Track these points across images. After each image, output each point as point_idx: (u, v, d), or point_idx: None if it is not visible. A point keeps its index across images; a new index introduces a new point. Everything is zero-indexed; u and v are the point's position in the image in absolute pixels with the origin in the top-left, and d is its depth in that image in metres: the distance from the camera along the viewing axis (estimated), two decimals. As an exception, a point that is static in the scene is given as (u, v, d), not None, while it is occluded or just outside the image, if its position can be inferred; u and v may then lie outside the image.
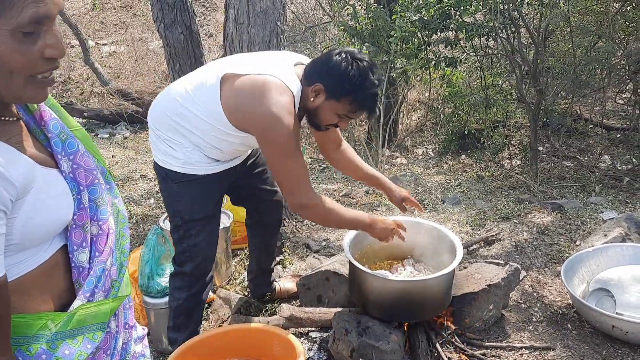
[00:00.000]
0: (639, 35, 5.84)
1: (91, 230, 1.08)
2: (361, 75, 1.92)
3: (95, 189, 1.10)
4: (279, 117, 1.87)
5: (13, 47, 0.86)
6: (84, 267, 1.06)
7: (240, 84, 1.95)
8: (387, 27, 6.31)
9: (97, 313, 1.06)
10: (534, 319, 2.69)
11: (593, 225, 3.61)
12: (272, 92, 1.89)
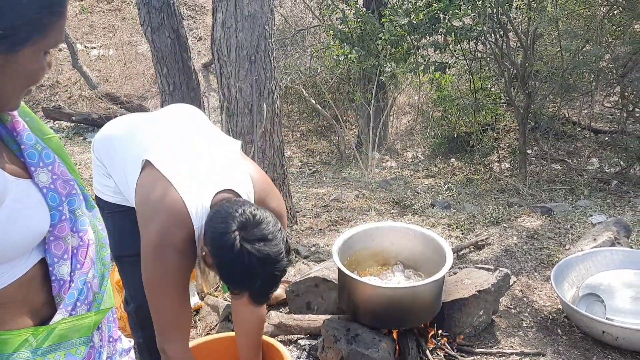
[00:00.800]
0: (625, 39, 5.87)
1: (71, 242, 1.05)
2: (248, 272, 1.52)
3: (74, 199, 1.06)
4: (160, 252, 1.60)
5: (42, 65, 0.94)
6: (64, 280, 1.03)
7: (151, 185, 1.68)
8: (376, 30, 6.31)
9: (80, 327, 1.02)
10: (524, 324, 2.67)
11: (582, 229, 3.61)
12: (166, 219, 1.61)
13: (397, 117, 8.62)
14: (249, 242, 1.50)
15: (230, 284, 1.60)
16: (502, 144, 7.44)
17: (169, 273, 1.63)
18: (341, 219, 4.15)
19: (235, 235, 1.50)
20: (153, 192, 1.68)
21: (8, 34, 0.85)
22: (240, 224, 1.52)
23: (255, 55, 3.29)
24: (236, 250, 1.49)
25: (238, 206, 1.57)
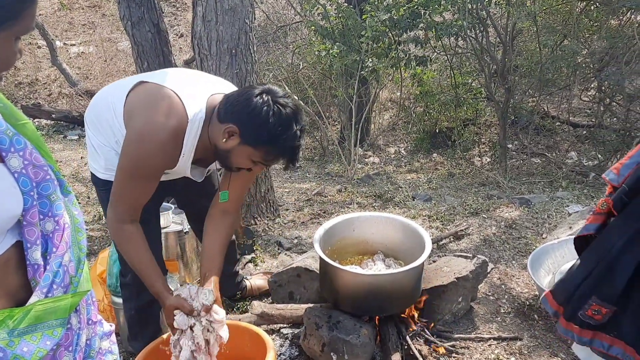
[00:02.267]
0: (602, 34, 5.98)
1: (45, 226, 1.07)
2: (282, 124, 1.68)
3: (48, 185, 1.08)
4: (141, 137, 1.72)
5: (13, 50, 0.98)
6: (39, 265, 1.04)
7: (143, 89, 1.83)
8: (358, 26, 6.34)
9: (56, 309, 1.04)
10: (501, 310, 2.73)
11: (559, 219, 3.69)
12: (157, 109, 1.73)
13: (379, 112, 8.67)
14: (276, 98, 1.70)
15: (266, 144, 1.71)
16: (483, 139, 7.54)
17: (145, 162, 1.74)
18: (323, 211, 4.19)
19: (263, 96, 1.69)
20: (143, 94, 1.81)
21: None
22: (261, 90, 1.71)
23: (236, 48, 3.31)
24: (270, 106, 1.67)
25: (251, 85, 1.75)
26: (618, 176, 1.62)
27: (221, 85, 1.95)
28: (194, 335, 1.76)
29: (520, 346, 2.45)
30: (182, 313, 1.77)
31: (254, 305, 2.63)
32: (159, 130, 1.71)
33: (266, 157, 1.76)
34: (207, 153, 1.89)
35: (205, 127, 1.81)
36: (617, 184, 1.62)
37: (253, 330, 2.07)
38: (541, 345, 2.46)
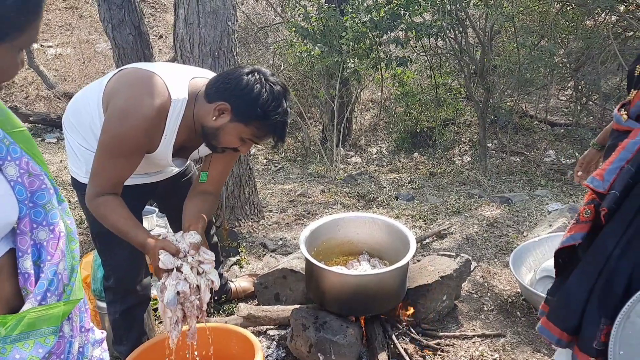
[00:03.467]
0: (578, 34, 6.09)
1: (38, 235, 1.07)
2: (274, 100, 1.72)
3: (43, 194, 1.08)
4: (124, 114, 1.72)
5: (16, 62, 0.98)
6: (29, 274, 1.04)
7: (124, 73, 1.85)
8: (339, 27, 6.37)
9: (49, 316, 1.04)
10: (485, 308, 2.78)
11: (539, 217, 3.75)
12: (140, 87, 1.75)
13: (360, 113, 8.71)
14: (266, 77, 1.74)
15: (259, 119, 1.74)
16: (463, 138, 7.62)
17: (127, 139, 1.73)
18: (307, 212, 4.20)
19: (255, 74, 1.73)
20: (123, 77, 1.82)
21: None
22: (251, 69, 1.75)
23: (219, 51, 3.31)
24: (260, 84, 1.71)
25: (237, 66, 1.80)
26: (603, 182, 1.63)
27: (202, 71, 1.98)
28: (183, 275, 1.70)
29: (504, 343, 2.49)
30: (168, 253, 1.73)
31: (240, 308, 2.63)
32: (142, 107, 1.72)
33: (257, 133, 1.79)
34: (190, 138, 1.90)
35: (189, 108, 1.82)
36: (604, 190, 1.63)
37: (240, 332, 2.08)
38: (524, 342, 2.50)
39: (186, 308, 1.73)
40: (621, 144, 1.61)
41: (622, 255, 1.65)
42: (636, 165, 1.58)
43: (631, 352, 1.67)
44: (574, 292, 1.78)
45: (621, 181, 1.58)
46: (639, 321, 1.64)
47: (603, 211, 1.61)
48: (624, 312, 1.62)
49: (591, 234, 1.75)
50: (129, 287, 2.21)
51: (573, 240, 1.76)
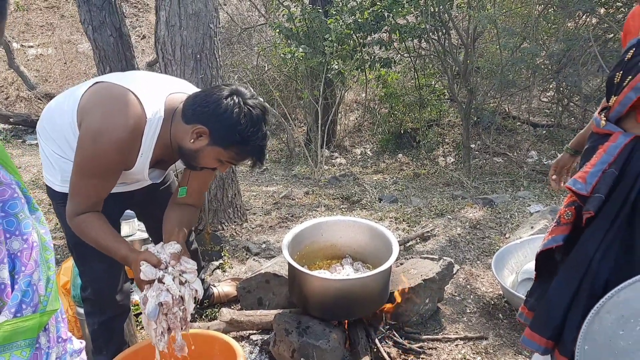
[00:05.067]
0: (559, 36, 6.15)
1: (12, 245, 1.05)
2: (253, 125, 1.70)
3: (16, 203, 1.06)
4: (98, 135, 1.69)
5: None
6: (5, 284, 1.03)
7: (98, 88, 1.81)
8: (323, 28, 6.37)
9: (25, 329, 1.02)
10: (467, 310, 2.79)
11: (521, 219, 3.78)
12: (114, 106, 1.72)
13: (345, 114, 8.72)
14: (245, 100, 1.72)
15: (237, 144, 1.73)
16: (446, 139, 7.65)
17: (101, 160, 1.70)
18: (291, 215, 4.19)
19: (234, 98, 1.70)
20: (98, 92, 1.78)
21: None
22: (230, 92, 1.71)
23: (201, 53, 3.29)
24: (240, 109, 1.69)
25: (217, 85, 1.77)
26: (585, 185, 1.64)
27: (180, 85, 1.94)
28: (165, 286, 1.70)
29: (486, 345, 2.51)
30: (149, 264, 1.72)
31: (222, 313, 2.61)
32: (116, 129, 1.69)
33: (236, 157, 1.78)
34: (167, 153, 1.87)
35: (165, 126, 1.79)
36: (587, 192, 1.64)
37: (222, 338, 2.07)
38: (506, 344, 2.52)
39: (169, 320, 1.71)
40: (602, 147, 1.62)
41: (602, 259, 1.67)
42: (619, 168, 1.60)
43: (595, 347, 1.69)
44: (556, 300, 1.80)
45: (605, 184, 1.60)
46: (607, 317, 1.66)
47: (588, 214, 1.63)
48: (595, 310, 1.65)
49: (570, 236, 1.78)
50: (108, 298, 2.17)
51: (555, 242, 1.78)
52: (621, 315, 1.67)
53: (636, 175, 1.60)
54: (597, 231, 1.67)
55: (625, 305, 1.66)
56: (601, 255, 1.68)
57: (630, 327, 1.69)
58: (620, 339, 1.70)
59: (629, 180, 1.60)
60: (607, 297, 1.66)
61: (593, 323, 1.68)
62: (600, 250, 1.67)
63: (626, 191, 1.62)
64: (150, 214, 2.35)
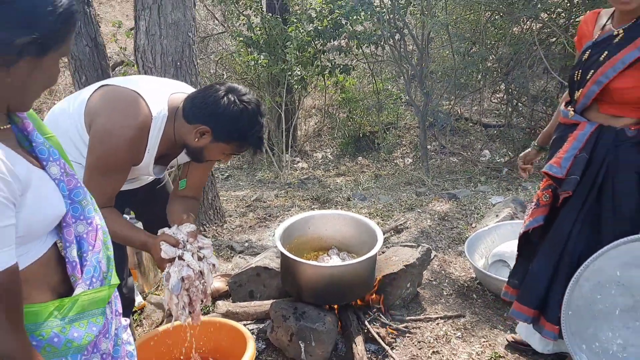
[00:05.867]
0: (507, 41, 6.54)
1: (78, 229, 1.18)
2: (250, 119, 1.85)
3: (79, 191, 1.20)
4: (109, 135, 1.82)
5: (58, 70, 1.07)
6: (76, 262, 1.16)
7: (105, 91, 1.93)
8: (284, 36, 6.55)
9: (97, 299, 1.16)
10: (444, 292, 3.02)
11: (485, 209, 4.06)
12: (122, 107, 1.85)
13: (304, 119, 8.92)
14: (241, 97, 1.84)
15: (237, 139, 1.88)
16: (404, 141, 7.96)
17: (114, 157, 1.83)
18: (269, 215, 4.34)
19: (230, 96, 1.82)
20: (105, 95, 1.90)
21: (40, 40, 0.99)
22: (226, 90, 1.83)
23: (181, 61, 3.41)
24: (238, 105, 1.82)
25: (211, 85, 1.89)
26: (560, 168, 1.90)
27: (179, 86, 2.09)
28: (186, 262, 1.84)
29: (464, 322, 2.74)
30: (168, 244, 1.85)
31: (218, 305, 2.75)
32: (126, 127, 1.82)
33: (238, 149, 1.94)
34: (170, 148, 2.01)
35: (169, 123, 1.93)
36: (562, 175, 1.90)
37: (230, 324, 2.22)
38: (482, 320, 2.76)
39: (191, 293, 1.85)
40: (572, 135, 1.88)
41: (578, 235, 1.93)
42: (588, 153, 1.86)
43: (577, 311, 1.95)
44: (539, 275, 2.05)
45: (578, 167, 1.85)
46: (585, 285, 1.92)
47: (566, 194, 1.89)
48: (574, 279, 1.90)
49: (551, 216, 2.03)
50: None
51: (536, 223, 2.03)
52: (597, 281, 1.93)
53: (602, 159, 1.86)
54: (571, 211, 1.93)
55: (600, 273, 1.92)
56: (577, 232, 1.94)
57: (606, 292, 1.95)
58: (599, 303, 1.96)
59: (596, 164, 1.87)
60: (583, 267, 1.91)
61: (574, 290, 1.93)
62: (576, 227, 1.93)
63: (594, 174, 1.88)
64: (151, 211, 2.46)
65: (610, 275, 1.92)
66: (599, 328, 1.99)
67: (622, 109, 1.83)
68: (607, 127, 1.85)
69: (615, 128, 1.84)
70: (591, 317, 1.98)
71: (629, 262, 1.89)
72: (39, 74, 1.04)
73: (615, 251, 1.87)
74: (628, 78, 1.76)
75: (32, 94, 1.07)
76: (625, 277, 1.92)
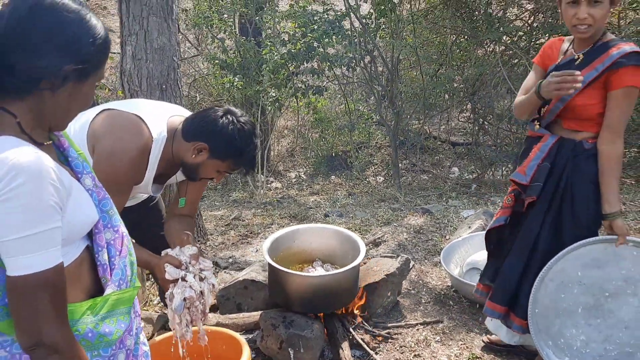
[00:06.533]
0: (472, 62, 6.85)
1: (106, 235, 1.31)
2: (246, 139, 1.99)
3: (107, 202, 1.33)
4: (111, 154, 1.93)
5: (94, 93, 1.20)
6: (106, 265, 1.29)
7: (108, 115, 2.04)
8: (258, 58, 6.74)
9: (125, 299, 1.28)
10: (423, 300, 3.19)
11: (457, 222, 4.27)
12: (124, 130, 1.97)
13: (277, 140, 9.07)
14: (238, 118, 1.99)
15: (233, 157, 2.01)
16: (376, 160, 8.18)
17: (118, 178, 1.93)
18: (250, 232, 4.46)
19: (227, 117, 1.98)
20: (107, 119, 2.02)
21: (83, 67, 1.13)
22: (224, 111, 2.01)
23: (166, 84, 3.54)
24: (234, 125, 1.96)
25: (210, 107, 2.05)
26: (525, 176, 2.11)
27: (177, 109, 2.24)
28: (188, 283, 1.96)
29: (443, 327, 2.91)
30: (172, 265, 1.97)
31: (208, 317, 2.84)
32: (130, 148, 1.94)
33: (232, 166, 2.06)
34: (168, 168, 2.14)
35: (168, 144, 2.06)
36: (526, 182, 2.11)
37: (225, 332, 2.33)
38: (459, 325, 2.93)
39: (191, 312, 1.97)
40: (536, 146, 2.09)
41: (547, 236, 2.13)
42: (551, 162, 2.07)
43: (543, 309, 2.14)
44: (510, 274, 2.24)
45: (541, 175, 2.06)
46: (550, 284, 2.11)
47: (531, 199, 2.09)
48: (539, 278, 2.09)
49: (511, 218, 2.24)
50: None
51: (498, 222, 2.24)
52: (561, 281, 2.13)
53: (562, 168, 2.08)
54: (539, 214, 2.13)
55: (563, 273, 2.12)
56: (545, 233, 2.14)
57: (569, 291, 2.14)
58: (563, 301, 2.15)
59: (557, 172, 2.08)
60: (546, 268, 2.11)
61: (539, 289, 2.12)
62: (544, 229, 2.13)
63: (556, 181, 2.09)
64: (143, 230, 2.57)
65: (572, 275, 2.12)
66: (563, 325, 2.18)
67: (582, 124, 2.05)
68: (567, 140, 2.08)
69: (575, 140, 2.06)
70: (556, 315, 2.17)
71: (588, 263, 2.10)
72: (79, 97, 1.18)
73: (575, 253, 2.07)
74: (588, 96, 1.99)
75: (71, 115, 1.21)
76: (586, 278, 2.12)
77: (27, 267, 1.05)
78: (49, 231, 1.07)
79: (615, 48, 1.94)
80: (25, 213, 1.03)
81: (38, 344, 1.08)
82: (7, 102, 1.13)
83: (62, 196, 1.11)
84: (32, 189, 1.03)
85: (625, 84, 1.92)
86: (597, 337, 2.16)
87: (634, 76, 1.91)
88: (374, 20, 6.68)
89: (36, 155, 1.06)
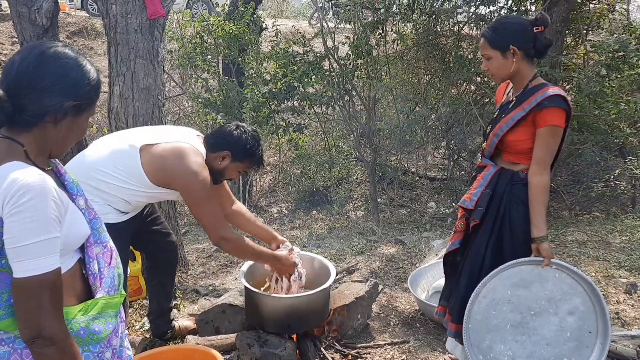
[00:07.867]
0: (446, 101, 7.19)
1: (96, 249, 1.52)
2: (256, 143, 2.71)
3: (97, 221, 1.54)
4: (197, 173, 2.49)
5: (88, 125, 1.48)
6: (97, 274, 1.49)
7: (160, 150, 2.51)
8: (240, 97, 7.02)
9: (113, 303, 1.48)
10: (391, 323, 3.38)
11: (427, 251, 4.49)
12: (189, 155, 2.52)
13: (260, 176, 9.30)
14: (246, 129, 2.72)
15: (249, 157, 2.70)
16: (355, 195, 8.42)
17: (206, 185, 2.53)
18: (230, 262, 4.64)
19: (239, 129, 2.70)
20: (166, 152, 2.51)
21: (79, 104, 1.37)
22: (235, 126, 2.72)
23: (151, 121, 3.77)
24: (246, 134, 2.68)
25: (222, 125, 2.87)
26: (470, 202, 2.35)
27: (195, 131, 2.79)
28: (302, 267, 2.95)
29: (409, 347, 3.09)
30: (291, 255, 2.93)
31: (187, 339, 3.01)
32: (200, 164, 2.53)
33: (249, 165, 2.74)
34: None
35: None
36: (472, 207, 2.35)
37: (201, 349, 2.51)
38: (424, 345, 3.12)
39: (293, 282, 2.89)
40: (480, 175, 2.35)
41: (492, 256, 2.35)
42: (492, 189, 2.32)
43: (476, 324, 2.34)
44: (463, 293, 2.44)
45: (484, 200, 2.30)
46: (483, 301, 2.33)
47: (474, 222, 2.32)
48: (473, 295, 2.30)
49: (464, 241, 2.46)
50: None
51: (454, 246, 2.46)
52: (493, 299, 2.34)
53: (502, 195, 2.33)
54: (483, 235, 2.36)
55: (495, 291, 2.33)
56: (490, 253, 2.36)
57: (499, 309, 2.35)
58: (493, 318, 2.35)
59: (497, 198, 2.33)
60: (480, 285, 2.32)
61: (473, 305, 2.33)
62: (489, 249, 2.36)
63: (497, 206, 2.34)
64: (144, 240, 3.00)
65: (502, 294, 2.33)
66: (493, 340, 2.36)
67: (518, 157, 2.33)
68: (506, 170, 2.34)
69: (512, 171, 2.33)
70: (487, 331, 2.36)
71: (517, 283, 2.31)
72: (76, 128, 1.42)
73: (506, 272, 2.29)
74: (519, 133, 2.27)
75: (68, 143, 1.43)
76: (514, 296, 2.33)
77: (34, 269, 1.26)
78: (52, 239, 1.28)
79: (541, 91, 2.23)
80: (33, 223, 1.24)
81: (38, 336, 1.27)
82: (15, 133, 1.36)
83: (61, 211, 1.32)
84: (38, 203, 1.25)
85: (549, 123, 2.20)
86: (522, 353, 2.34)
87: (555, 116, 2.19)
88: (352, 61, 7.02)
89: (40, 176, 1.28)
